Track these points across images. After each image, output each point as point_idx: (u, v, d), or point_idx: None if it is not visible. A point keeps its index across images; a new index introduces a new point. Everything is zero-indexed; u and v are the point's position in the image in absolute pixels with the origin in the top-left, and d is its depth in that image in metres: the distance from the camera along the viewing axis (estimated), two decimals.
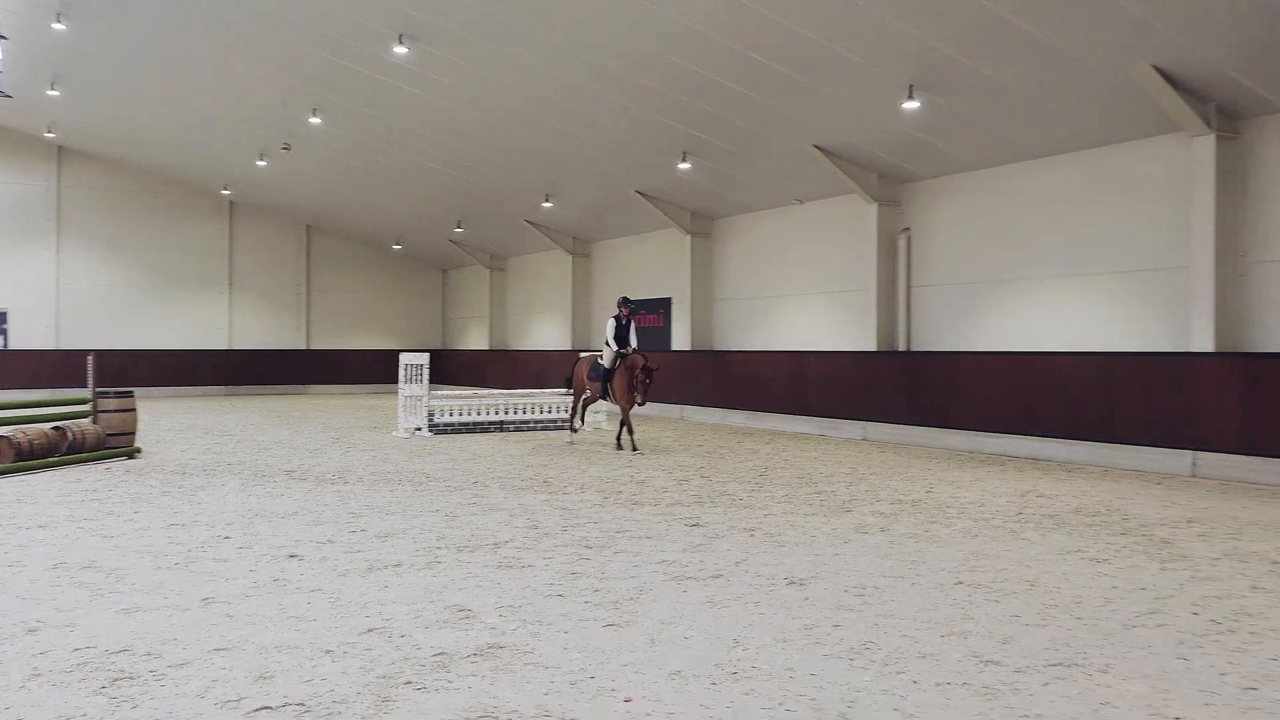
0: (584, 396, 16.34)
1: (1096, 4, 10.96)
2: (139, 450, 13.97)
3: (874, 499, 10.30)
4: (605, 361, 15.46)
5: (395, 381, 21.56)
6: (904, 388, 16.40)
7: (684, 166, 18.84)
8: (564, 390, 18.58)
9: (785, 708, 4.37)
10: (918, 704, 4.43)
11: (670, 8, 12.87)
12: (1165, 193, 13.49)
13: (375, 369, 32.94)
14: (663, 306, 24.12)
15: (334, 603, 6.05)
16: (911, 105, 14.01)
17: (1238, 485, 11.50)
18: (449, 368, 33.02)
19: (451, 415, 17.85)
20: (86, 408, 13.63)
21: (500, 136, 19.69)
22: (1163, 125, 13.12)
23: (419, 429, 17.42)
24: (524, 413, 18.60)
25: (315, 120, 20.30)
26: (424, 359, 17.73)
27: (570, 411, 16.81)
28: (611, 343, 15.30)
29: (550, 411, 18.88)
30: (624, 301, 15.49)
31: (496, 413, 18.33)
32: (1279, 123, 12.36)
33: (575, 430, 16.65)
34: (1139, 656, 5.11)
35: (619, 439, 15.40)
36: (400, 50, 15.51)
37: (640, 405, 14.91)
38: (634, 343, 15.34)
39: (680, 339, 23.03)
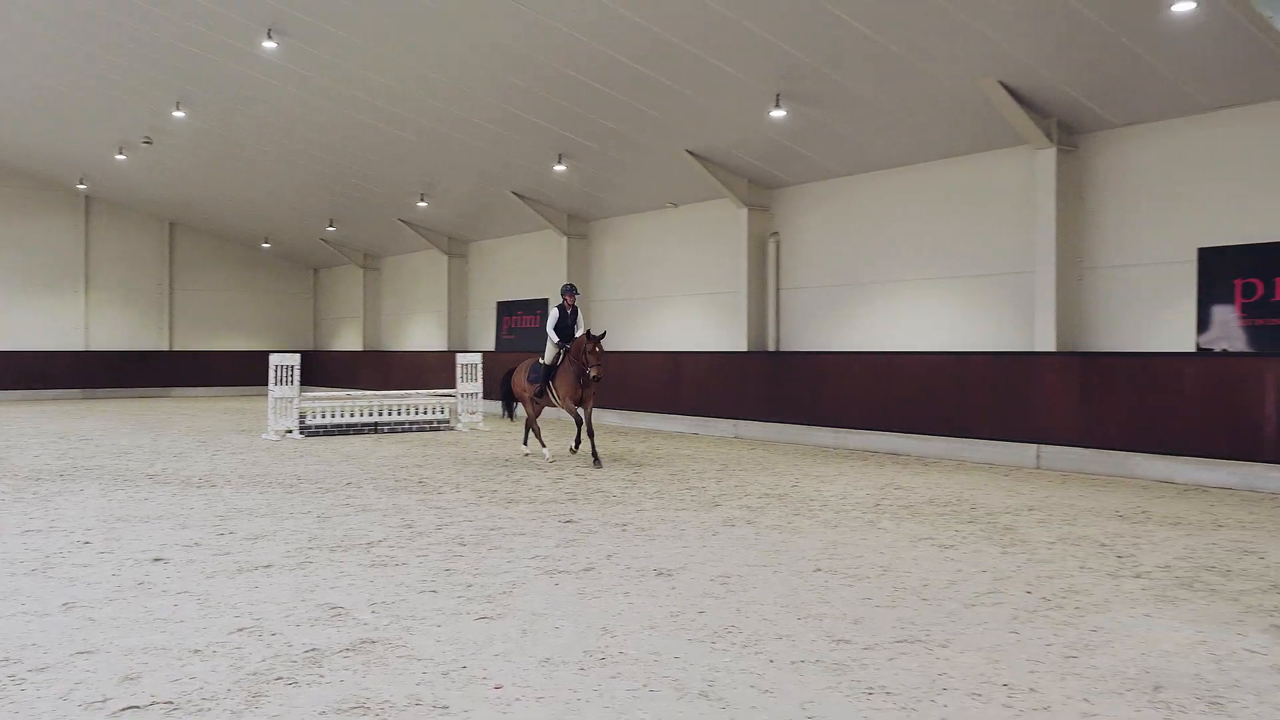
0: (530, 407, 14.31)
1: (947, 22, 11.60)
2: None
3: (742, 494, 10.67)
4: (546, 359, 13.74)
5: (265, 384, 21.07)
6: (774, 387, 16.94)
7: (559, 168, 19.00)
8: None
9: (649, 688, 4.60)
10: (773, 680, 4.71)
11: (535, 8, 13.00)
12: (1013, 202, 14.33)
13: (244, 371, 31.99)
14: (540, 308, 24.21)
15: (202, 604, 6.00)
16: (779, 114, 14.51)
17: (1077, 475, 12.33)
18: (321, 369, 32.34)
19: (324, 417, 17.58)
20: None
21: (372, 134, 19.47)
22: (1010, 138, 13.93)
23: (290, 431, 17.10)
24: (399, 414, 18.44)
25: (179, 114, 19.67)
26: (295, 360, 17.41)
27: (526, 428, 14.54)
28: (553, 336, 13.67)
29: (426, 412, 18.77)
30: (569, 289, 13.84)
31: (370, 414, 18.13)
32: (1111, 138, 13.29)
33: (544, 448, 14.05)
34: (976, 632, 5.52)
35: (576, 442, 13.92)
36: (269, 45, 15.22)
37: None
38: (579, 333, 13.59)
39: None
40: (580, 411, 13.35)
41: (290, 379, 17.24)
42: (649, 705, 4.39)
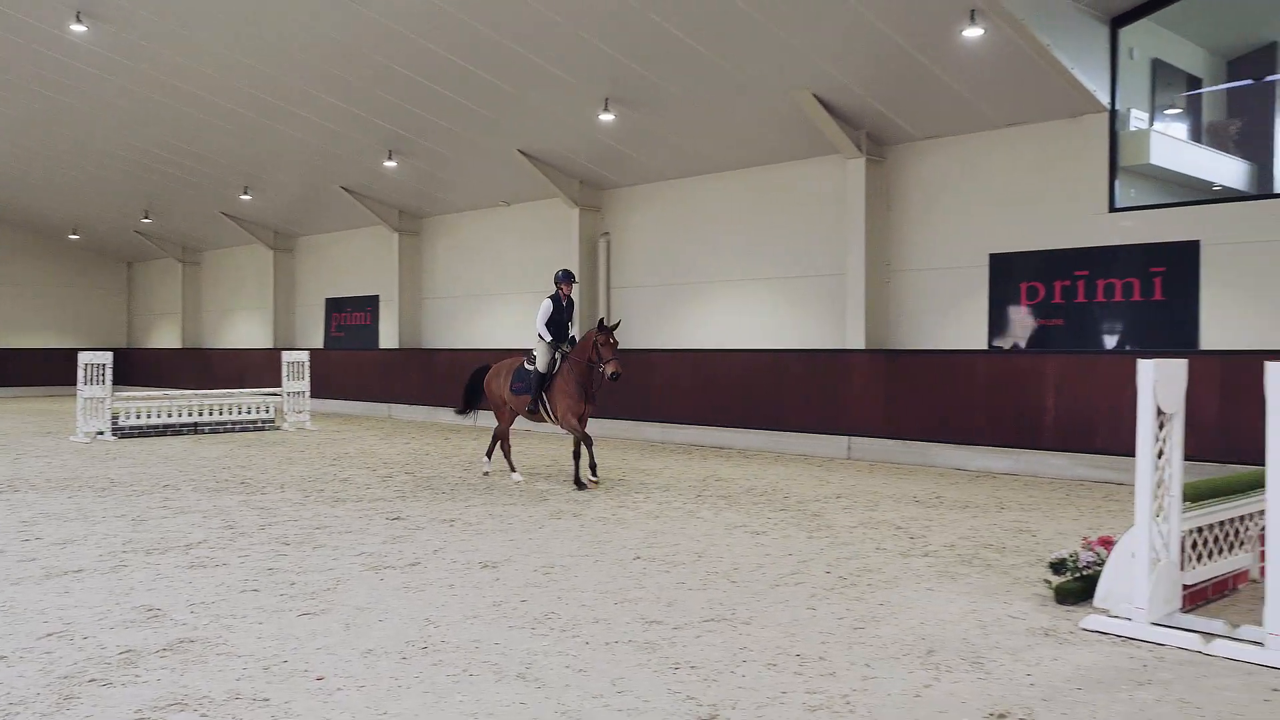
0: (505, 422, 11.79)
1: (765, 37, 12.22)
2: None
3: (570, 488, 10.95)
4: (539, 363, 11.14)
5: (74, 383, 19.98)
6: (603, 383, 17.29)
7: (390, 165, 18.83)
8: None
9: (469, 673, 4.81)
10: (588, 660, 5.00)
11: (359, 1, 12.92)
12: (827, 207, 15.15)
13: (50, 370, 30.05)
14: (370, 304, 23.86)
15: (6, 611, 5.83)
16: (607, 118, 14.88)
17: (883, 465, 13.21)
18: (137, 368, 30.78)
19: (139, 417, 16.86)
20: None
21: (191, 124, 18.76)
22: (823, 147, 14.73)
23: (101, 433, 16.34)
24: (221, 414, 17.87)
25: None
26: (107, 358, 16.63)
27: (489, 446, 12.16)
28: (546, 334, 11.11)
29: (250, 412, 18.25)
30: (566, 276, 11.31)
31: (190, 414, 17.50)
32: (914, 150, 14.26)
33: (514, 472, 11.60)
34: (778, 609, 5.98)
35: (578, 474, 10.95)
36: (78, 29, 14.50)
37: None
38: (573, 333, 11.45)
39: (388, 337, 22.90)
40: (584, 430, 10.93)
41: (101, 378, 16.46)
42: (468, 688, 4.60)
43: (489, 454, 12.14)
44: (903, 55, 12.17)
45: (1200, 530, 5.90)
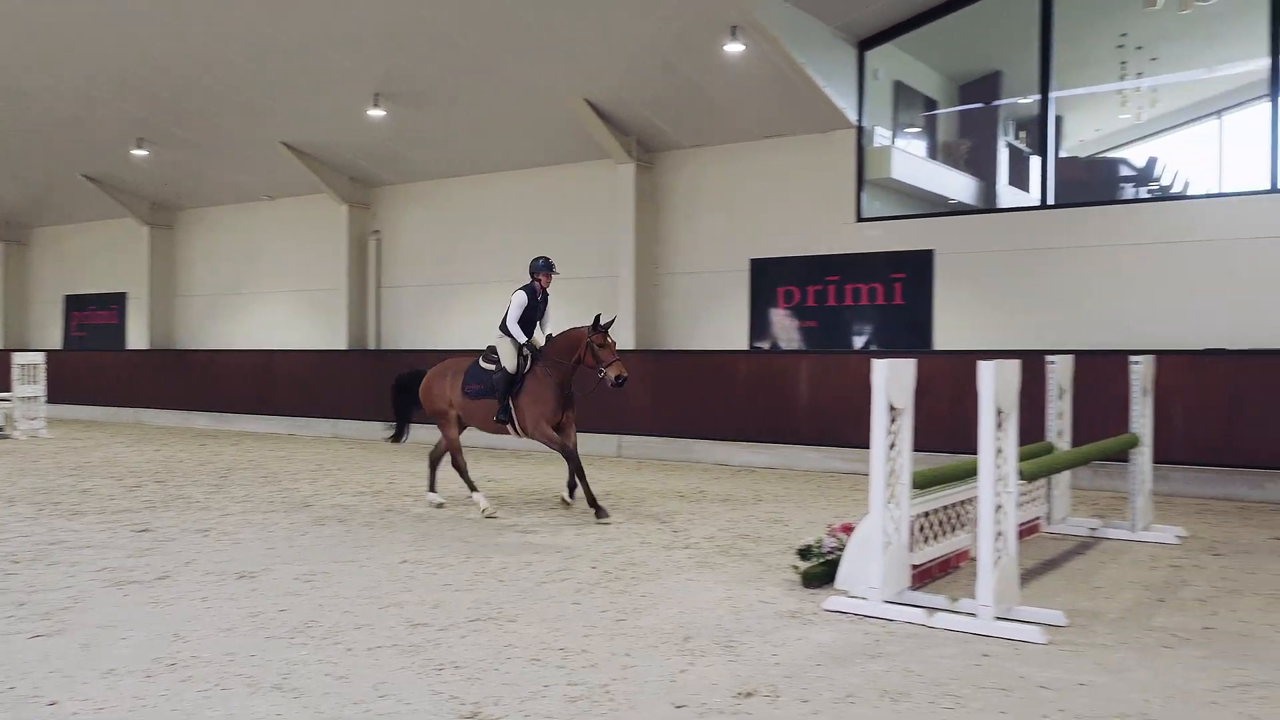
0: (452, 432, 9.79)
1: (539, 41, 12.35)
2: None
3: (337, 492, 10.67)
4: (505, 362, 9.37)
5: None
6: (373, 385, 16.88)
7: (140, 153, 17.63)
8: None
9: (221, 687, 4.63)
10: (349, 667, 4.93)
11: None
12: (600, 211, 15.45)
13: None
14: (116, 302, 22.23)
15: None
16: (377, 114, 14.57)
17: (652, 462, 13.62)
18: None
19: None
20: None
21: None
22: (596, 152, 15.02)
23: None
24: None
25: None
26: None
27: (430, 474, 10.04)
28: (519, 333, 9.40)
29: None
30: (546, 265, 9.74)
31: None
32: (683, 157, 14.79)
33: (475, 493, 9.56)
34: (543, 606, 6.08)
35: (569, 493, 9.58)
36: None
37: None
38: (549, 331, 9.75)
39: (137, 338, 21.41)
40: (564, 441, 9.22)
41: None
42: (219, 703, 4.43)
43: (432, 484, 9.86)
44: (670, 66, 12.61)
45: (927, 515, 6.48)
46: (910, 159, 14.19)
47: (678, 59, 12.49)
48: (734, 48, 11.84)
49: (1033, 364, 8.33)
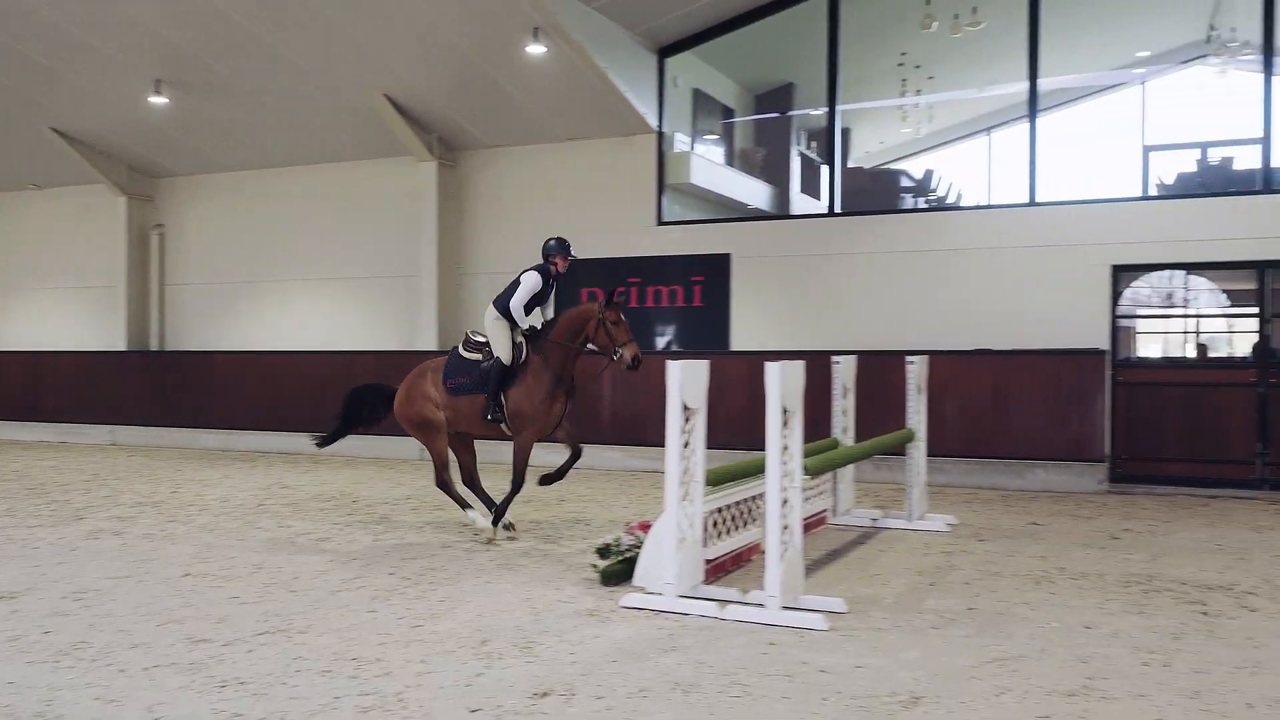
0: (441, 444, 8.55)
1: (334, 31, 11.98)
2: None
3: (113, 504, 10.01)
4: (499, 350, 8.17)
5: None
6: (157, 388, 15.96)
7: None
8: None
9: None
10: (122, 689, 4.64)
11: None
12: (402, 208, 15.12)
13: None
14: None
15: None
16: (159, 101, 13.77)
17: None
18: None
19: None
20: None
21: None
22: (397, 148, 14.69)
23: None
24: None
25: None
26: None
27: (451, 492, 8.65)
28: (523, 319, 8.25)
29: None
30: (561, 247, 8.41)
31: None
32: (485, 157, 14.70)
33: (472, 515, 8.43)
34: (337, 615, 5.92)
35: (559, 473, 8.42)
36: None
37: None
38: (550, 315, 8.56)
39: None
40: (561, 434, 8.44)
41: None
42: None
43: (459, 500, 8.56)
44: (472, 65, 12.50)
45: (720, 510, 6.71)
46: (709, 165, 14.62)
47: (479, 58, 12.40)
48: (536, 49, 11.86)
49: (821, 364, 8.78)
